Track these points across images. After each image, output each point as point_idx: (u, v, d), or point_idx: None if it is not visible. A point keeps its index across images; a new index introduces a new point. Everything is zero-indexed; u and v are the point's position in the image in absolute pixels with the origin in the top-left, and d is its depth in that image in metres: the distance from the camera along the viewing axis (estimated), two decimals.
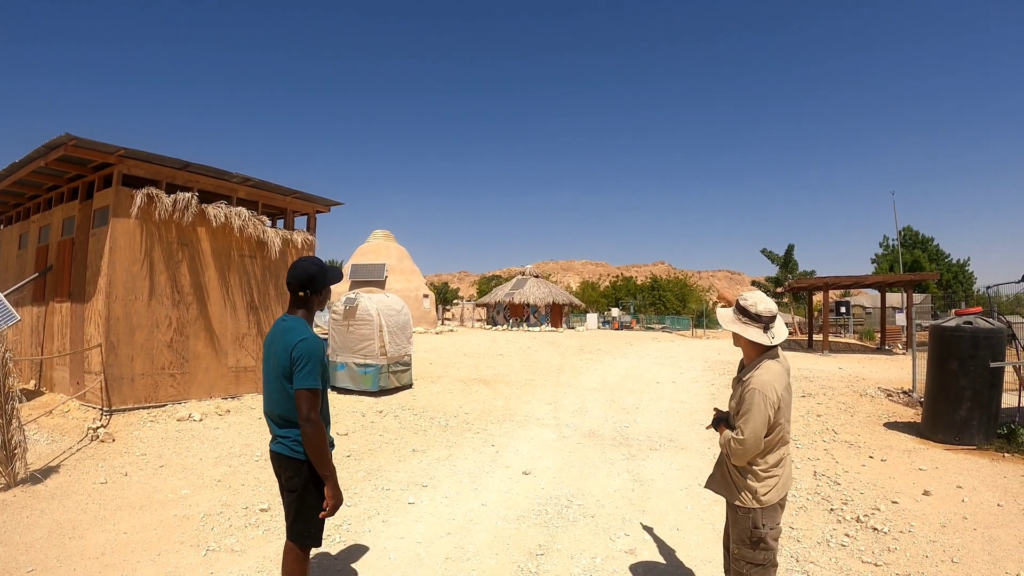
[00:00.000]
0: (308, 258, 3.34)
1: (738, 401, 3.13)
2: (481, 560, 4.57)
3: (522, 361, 18.40)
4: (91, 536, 4.83)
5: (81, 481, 6.09)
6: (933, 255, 45.66)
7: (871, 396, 11.21)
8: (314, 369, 3.03)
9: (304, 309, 3.27)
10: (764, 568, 3.13)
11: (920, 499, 5.83)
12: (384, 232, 36.27)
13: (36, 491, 5.75)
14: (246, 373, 10.49)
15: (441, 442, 8.16)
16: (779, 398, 3.03)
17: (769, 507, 3.11)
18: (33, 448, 6.79)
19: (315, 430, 3.00)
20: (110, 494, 5.78)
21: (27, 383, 10.48)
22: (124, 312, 8.73)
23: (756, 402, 2.98)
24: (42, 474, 6.15)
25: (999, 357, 7.77)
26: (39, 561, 4.35)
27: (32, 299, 11.11)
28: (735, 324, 3.19)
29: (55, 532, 4.87)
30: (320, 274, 3.26)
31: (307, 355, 3.02)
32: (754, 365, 3.14)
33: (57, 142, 8.39)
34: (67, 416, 8.37)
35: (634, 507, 5.78)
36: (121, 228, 8.76)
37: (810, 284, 25.40)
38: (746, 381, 3.11)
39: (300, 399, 3.01)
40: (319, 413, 3.07)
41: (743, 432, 3.00)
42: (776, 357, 3.18)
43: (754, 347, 3.19)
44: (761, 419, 2.97)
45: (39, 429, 7.71)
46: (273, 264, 11.09)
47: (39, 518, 5.14)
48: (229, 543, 4.79)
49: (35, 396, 9.72)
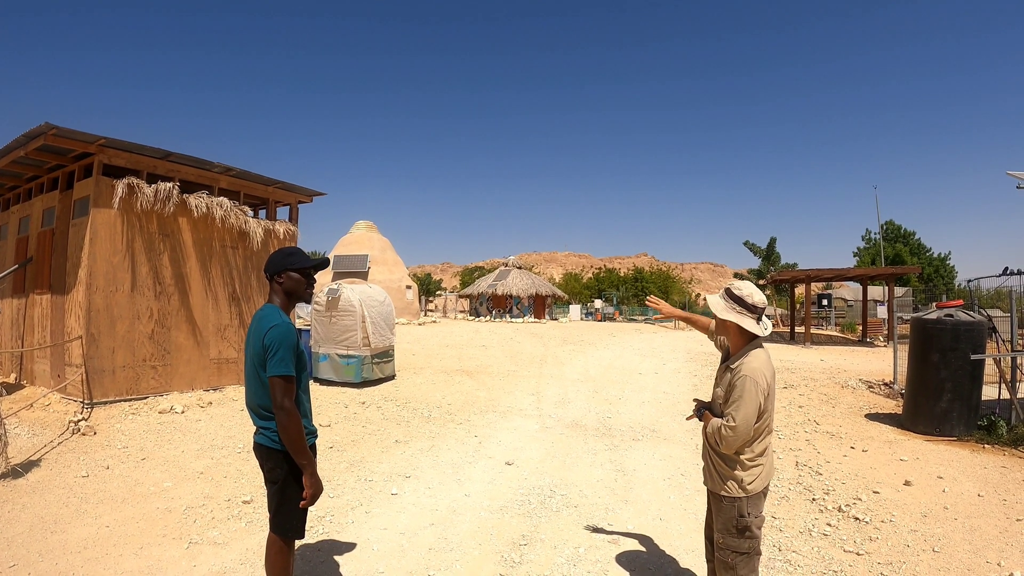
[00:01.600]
0: (284, 247, 3.32)
1: (727, 388, 3.14)
2: (464, 551, 4.62)
3: (505, 352, 18.45)
4: (73, 530, 4.81)
5: (63, 475, 6.06)
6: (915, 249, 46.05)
7: (852, 388, 11.34)
8: (285, 356, 3.00)
9: (279, 297, 3.24)
10: (749, 556, 3.16)
11: (901, 489, 5.89)
12: (367, 223, 36.14)
13: (17, 485, 5.71)
14: (228, 364, 10.45)
15: (424, 433, 8.19)
16: (768, 385, 3.07)
17: (754, 495, 3.14)
18: (14, 442, 6.73)
19: (289, 418, 2.97)
20: (92, 487, 5.76)
21: (7, 376, 10.37)
22: (105, 304, 8.66)
23: (748, 388, 3.01)
24: (23, 468, 6.11)
25: (980, 350, 7.86)
26: (20, 556, 4.33)
27: (12, 291, 10.97)
28: (731, 313, 3.18)
29: (36, 526, 4.85)
30: (279, 256, 3.24)
31: (278, 342, 3.00)
32: (743, 353, 3.16)
33: (37, 131, 8.27)
34: (48, 409, 8.30)
35: (617, 497, 5.84)
36: (102, 219, 8.68)
37: (792, 276, 25.58)
38: (735, 369, 3.12)
39: (273, 386, 2.99)
40: (293, 401, 3.03)
41: (735, 419, 3.00)
42: (761, 346, 3.22)
43: (743, 336, 3.21)
44: (753, 406, 2.99)
45: (20, 423, 7.64)
46: (255, 255, 11.03)
47: (20, 512, 5.11)
48: (212, 536, 4.80)
49: (16, 389, 9.63)
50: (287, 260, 3.22)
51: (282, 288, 3.23)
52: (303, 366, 3.23)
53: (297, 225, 12.26)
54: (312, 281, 3.35)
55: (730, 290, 3.24)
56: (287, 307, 3.26)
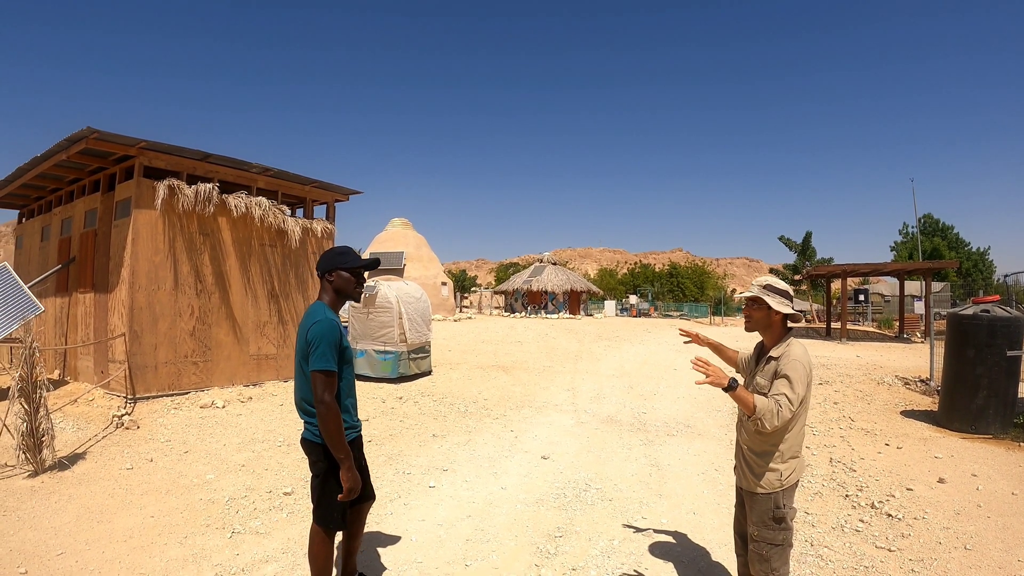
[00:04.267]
0: (336, 246, 3.39)
1: (772, 377, 3.11)
2: (500, 542, 4.60)
3: (540, 348, 18.43)
4: (119, 520, 4.91)
5: (107, 467, 6.20)
6: (953, 243, 45.03)
7: (888, 384, 11.11)
8: (327, 352, 3.05)
9: (328, 295, 3.31)
10: (783, 548, 3.15)
11: (935, 487, 5.82)
12: (402, 220, 36.37)
13: (64, 477, 5.86)
14: (267, 360, 10.60)
15: (460, 427, 8.20)
16: (812, 373, 3.09)
17: (789, 487, 3.15)
18: (60, 436, 6.91)
19: (328, 412, 3.03)
20: (136, 479, 5.88)
21: (52, 373, 10.65)
22: (147, 302, 8.84)
23: (799, 369, 3.00)
24: (69, 460, 6.26)
25: (1016, 346, 7.69)
26: (68, 544, 4.43)
27: (55, 290, 11.28)
28: (786, 307, 3.18)
29: (83, 516, 4.96)
30: (331, 255, 3.32)
31: (320, 337, 3.06)
32: (785, 342, 3.17)
33: (79, 135, 8.49)
34: (92, 404, 8.50)
35: (651, 491, 5.79)
36: (143, 219, 8.86)
37: (828, 271, 25.10)
38: (782, 356, 3.10)
39: (314, 381, 3.05)
40: (334, 396, 3.08)
41: (789, 395, 2.95)
42: (795, 338, 3.22)
43: (781, 327, 3.22)
44: (803, 386, 2.98)
45: (65, 417, 7.84)
46: (293, 253, 11.17)
47: (67, 503, 5.24)
48: (254, 525, 4.86)
49: (60, 385, 9.88)
50: (338, 259, 3.30)
51: (332, 286, 3.31)
52: (347, 362, 3.28)
53: (334, 223, 12.38)
54: (362, 280, 3.41)
55: (772, 286, 3.25)
56: (336, 304, 3.33)
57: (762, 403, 2.99)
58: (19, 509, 5.07)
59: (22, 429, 5.82)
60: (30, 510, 5.06)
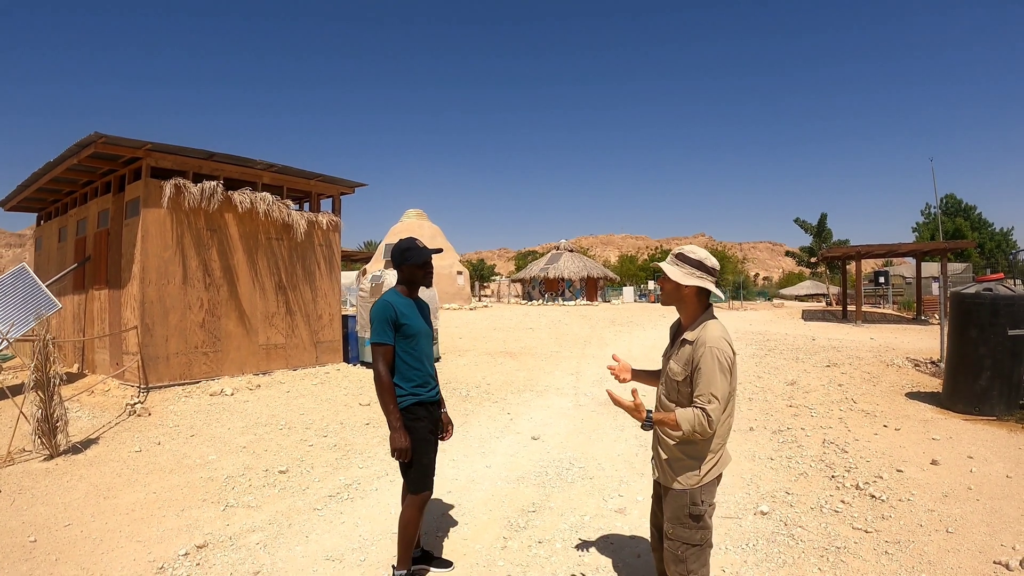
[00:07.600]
0: (403, 239, 3.80)
1: (688, 364, 2.83)
2: (474, 515, 4.88)
3: (551, 334, 18.65)
4: (123, 496, 5.28)
5: (118, 450, 6.58)
6: (976, 223, 44.42)
7: (898, 366, 11.00)
8: (379, 327, 3.53)
9: (400, 283, 3.80)
10: (701, 548, 2.91)
11: (926, 468, 5.67)
12: (417, 211, 36.71)
13: (76, 460, 6.24)
14: (276, 350, 10.97)
15: (459, 411, 8.46)
16: (733, 357, 2.81)
17: (708, 483, 2.89)
18: (75, 423, 7.32)
19: (379, 381, 3.53)
20: (143, 461, 6.25)
21: (71, 366, 11.12)
22: (158, 296, 9.23)
23: (719, 360, 2.72)
24: (82, 445, 6.65)
25: (1020, 325, 7.48)
26: (75, 517, 4.81)
27: (73, 288, 11.76)
28: (692, 278, 2.87)
29: (91, 493, 5.33)
30: (397, 252, 3.72)
31: (373, 315, 3.56)
32: (700, 323, 2.88)
33: (88, 140, 8.90)
34: (107, 394, 8.93)
35: (634, 470, 5.96)
36: (152, 217, 9.24)
37: (843, 253, 24.78)
38: (696, 340, 2.81)
39: (372, 352, 3.58)
40: (387, 366, 3.54)
41: (715, 396, 2.70)
42: (715, 316, 2.93)
43: (700, 304, 2.93)
44: (725, 379, 2.73)
45: (81, 407, 8.26)
46: (299, 245, 11.50)
47: (78, 482, 5.61)
48: (247, 500, 5.20)
49: (78, 378, 10.34)
50: (403, 256, 3.71)
51: (403, 276, 3.77)
52: (405, 336, 3.63)
53: (340, 216, 12.69)
54: (429, 269, 3.80)
55: (684, 254, 2.94)
56: (408, 292, 3.78)
57: (686, 420, 2.72)
58: (34, 488, 5.45)
59: (37, 416, 6.21)
60: (44, 488, 5.44)
